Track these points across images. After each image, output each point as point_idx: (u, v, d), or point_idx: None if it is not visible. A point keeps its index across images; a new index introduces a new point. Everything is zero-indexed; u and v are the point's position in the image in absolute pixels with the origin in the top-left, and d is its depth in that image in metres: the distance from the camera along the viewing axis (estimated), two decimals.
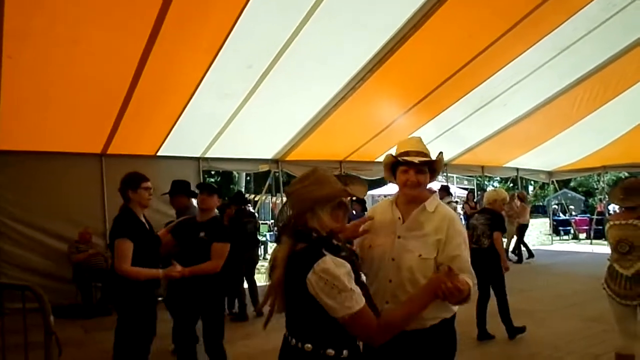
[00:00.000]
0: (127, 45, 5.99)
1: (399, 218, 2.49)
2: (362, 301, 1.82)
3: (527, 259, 12.95)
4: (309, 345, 1.89)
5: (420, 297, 2.00)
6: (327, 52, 7.19)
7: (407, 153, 2.51)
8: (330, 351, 1.86)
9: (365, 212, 10.17)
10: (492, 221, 5.94)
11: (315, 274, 1.80)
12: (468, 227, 6.26)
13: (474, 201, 14.39)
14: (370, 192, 21.71)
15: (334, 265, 1.80)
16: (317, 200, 1.94)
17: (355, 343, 1.95)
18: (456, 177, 18.75)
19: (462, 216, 15.40)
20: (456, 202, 11.08)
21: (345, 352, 1.89)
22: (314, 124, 9.19)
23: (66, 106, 6.88)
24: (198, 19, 5.85)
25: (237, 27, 6.00)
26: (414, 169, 2.45)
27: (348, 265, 1.85)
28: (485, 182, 26.33)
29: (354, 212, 9.43)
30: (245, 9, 5.72)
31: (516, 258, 12.79)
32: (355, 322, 1.80)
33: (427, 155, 2.50)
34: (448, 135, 11.27)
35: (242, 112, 8.12)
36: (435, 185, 20.19)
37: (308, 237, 1.91)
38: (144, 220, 3.95)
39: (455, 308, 2.42)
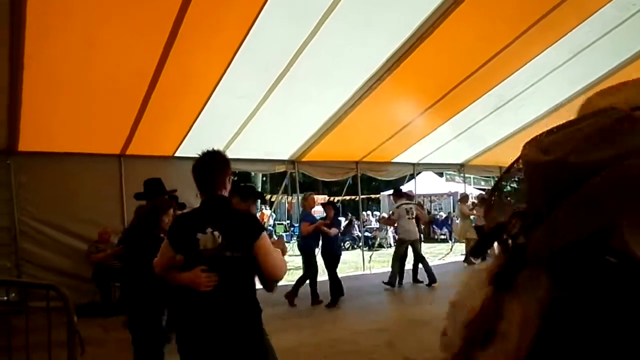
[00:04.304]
0: (146, 47, 6.06)
1: None
2: None
3: None
4: None
5: None
6: (343, 54, 7.20)
7: None
8: None
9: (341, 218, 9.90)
10: None
11: None
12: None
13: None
14: (385, 193, 21.65)
15: None
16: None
17: None
18: (473, 177, 18.57)
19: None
20: (415, 204, 10.61)
21: None
22: (331, 125, 9.20)
23: (86, 108, 6.98)
24: (216, 21, 5.90)
25: (254, 28, 6.04)
26: None
27: None
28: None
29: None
30: (262, 11, 5.76)
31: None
32: None
33: None
34: (465, 135, 11.22)
35: (259, 114, 8.15)
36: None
37: None
38: None
39: None
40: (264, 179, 26.75)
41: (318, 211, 10.84)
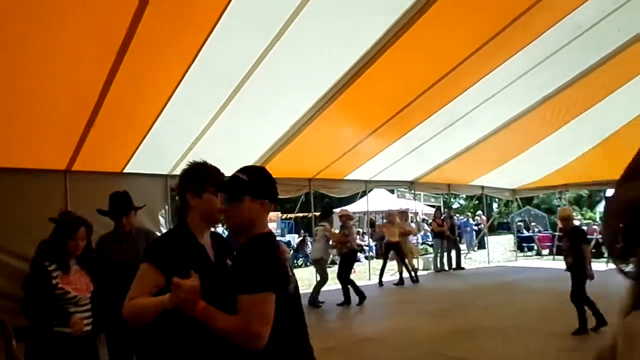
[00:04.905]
0: (95, 60, 5.88)
1: None
2: None
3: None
4: None
5: None
6: (297, 71, 7.26)
7: None
8: None
9: (294, 235, 10.45)
10: None
11: None
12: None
13: (440, 219, 14.64)
14: (338, 210, 21.73)
15: None
16: None
17: None
18: (423, 194, 18.95)
19: (429, 233, 15.55)
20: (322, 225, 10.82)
21: None
22: (284, 141, 9.20)
23: (30, 121, 6.68)
24: (170, 33, 5.81)
25: (208, 43, 5.99)
26: None
27: None
28: (452, 200, 26.76)
29: None
30: (217, 25, 5.73)
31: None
32: None
33: None
34: (415, 153, 11.46)
35: (212, 129, 8.05)
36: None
37: None
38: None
39: None
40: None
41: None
